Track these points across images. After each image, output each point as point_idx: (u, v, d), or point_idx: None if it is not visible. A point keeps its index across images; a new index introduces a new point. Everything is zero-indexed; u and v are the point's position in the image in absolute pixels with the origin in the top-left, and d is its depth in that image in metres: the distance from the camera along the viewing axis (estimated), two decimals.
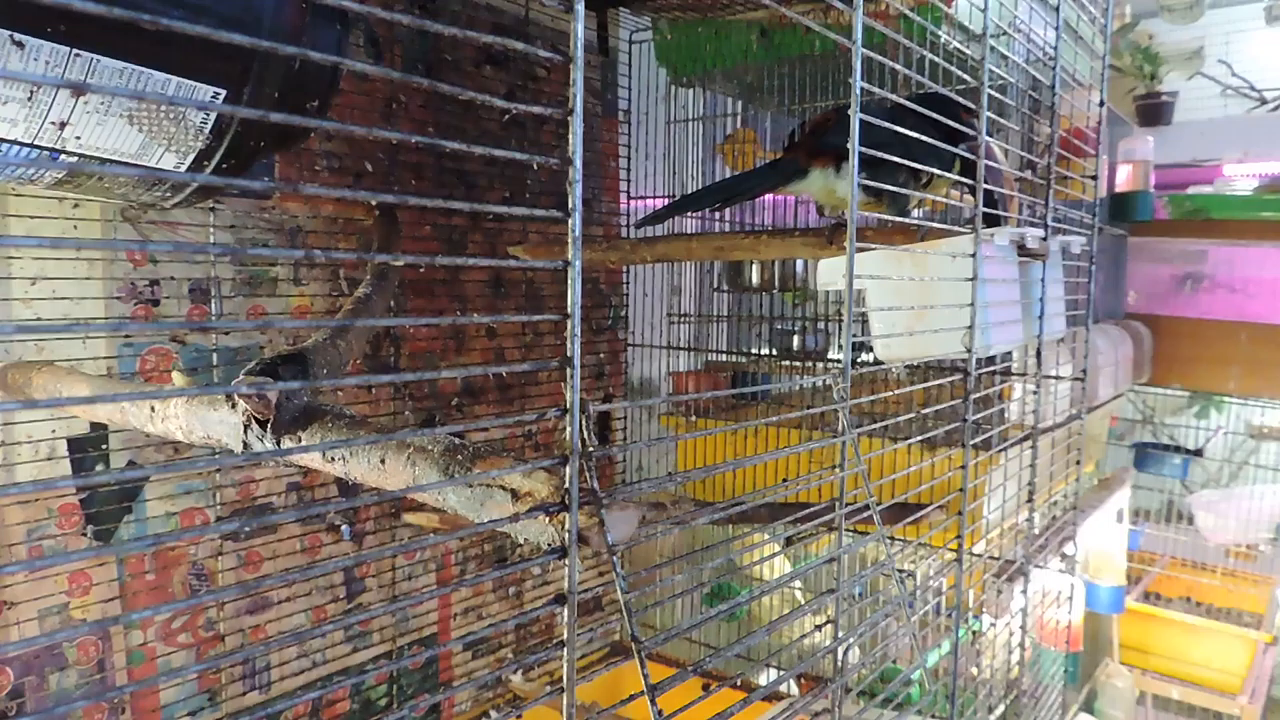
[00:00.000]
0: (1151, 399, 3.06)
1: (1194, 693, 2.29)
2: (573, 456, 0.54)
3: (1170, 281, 2.35)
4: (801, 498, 0.98)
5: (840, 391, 0.78)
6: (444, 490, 0.61)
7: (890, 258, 1.09)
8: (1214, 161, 3.38)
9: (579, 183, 0.52)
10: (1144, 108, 3.16)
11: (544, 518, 0.56)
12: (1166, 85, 3.35)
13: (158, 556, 1.30)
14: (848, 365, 0.78)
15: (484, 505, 0.59)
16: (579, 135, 0.52)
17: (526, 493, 0.57)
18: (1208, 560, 2.54)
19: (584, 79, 1.60)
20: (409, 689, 1.60)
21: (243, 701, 1.37)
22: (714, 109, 1.94)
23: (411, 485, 0.63)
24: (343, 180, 1.45)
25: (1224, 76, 3.45)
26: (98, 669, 1.25)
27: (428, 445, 0.64)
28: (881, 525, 0.80)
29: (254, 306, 1.38)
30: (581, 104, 0.52)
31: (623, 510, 0.56)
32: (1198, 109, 3.41)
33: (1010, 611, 1.55)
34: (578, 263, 0.53)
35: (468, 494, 0.60)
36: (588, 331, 1.87)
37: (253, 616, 1.39)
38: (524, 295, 1.72)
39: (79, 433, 1.23)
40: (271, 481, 1.40)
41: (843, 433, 0.78)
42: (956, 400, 1.08)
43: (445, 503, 0.61)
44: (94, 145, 0.90)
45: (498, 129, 1.65)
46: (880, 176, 1.03)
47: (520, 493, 0.58)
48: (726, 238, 1.48)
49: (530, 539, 0.57)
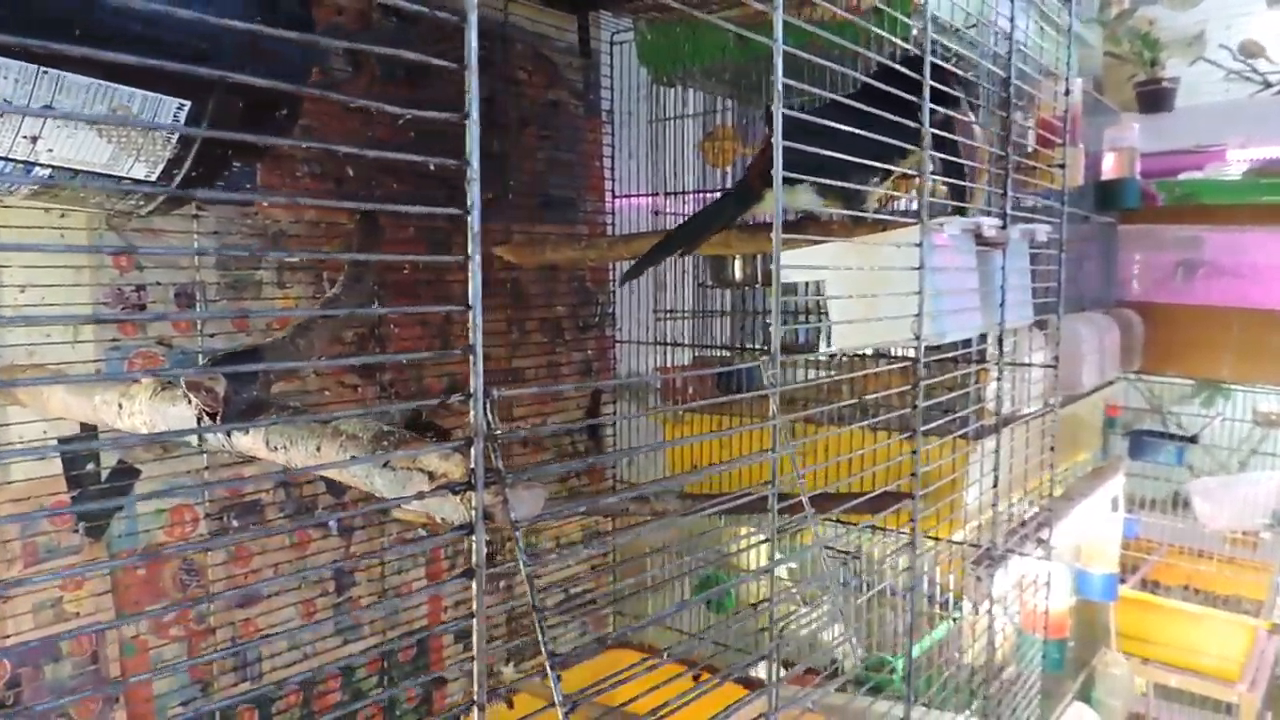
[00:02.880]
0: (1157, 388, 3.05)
1: (1192, 680, 2.29)
2: (477, 438, 0.57)
3: (1164, 268, 2.35)
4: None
5: (770, 377, 0.80)
6: (371, 475, 0.65)
7: (844, 249, 1.11)
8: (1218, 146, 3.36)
9: (475, 181, 0.55)
10: (1145, 94, 3.14)
11: (456, 497, 0.59)
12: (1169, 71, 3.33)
13: (148, 552, 1.34)
14: (776, 351, 0.80)
15: (405, 488, 0.62)
16: (475, 138, 0.55)
17: (442, 474, 0.61)
18: (1207, 548, 2.54)
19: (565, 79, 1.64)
20: (400, 681, 1.64)
21: (234, 692, 1.42)
22: (699, 107, 1.97)
23: (344, 471, 0.66)
24: (324, 186, 1.49)
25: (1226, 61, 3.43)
26: (92, 660, 1.29)
27: (359, 432, 0.67)
28: (810, 510, 0.82)
29: (239, 310, 1.42)
30: (477, 109, 0.55)
31: (528, 489, 0.59)
32: (1200, 94, 3.39)
33: (990, 599, 1.57)
34: (477, 256, 0.56)
35: (391, 477, 0.63)
36: (574, 329, 1.91)
37: (243, 610, 1.44)
38: (509, 294, 1.76)
39: (70, 433, 1.27)
40: (259, 479, 1.44)
41: (773, 417, 0.80)
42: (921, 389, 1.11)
43: (373, 486, 0.65)
44: (66, 157, 0.95)
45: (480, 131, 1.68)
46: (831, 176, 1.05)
47: (436, 474, 0.61)
48: None
49: (448, 517, 0.61)
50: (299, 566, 1.48)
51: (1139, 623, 2.39)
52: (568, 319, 1.89)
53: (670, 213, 1.92)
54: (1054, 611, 1.72)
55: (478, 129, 0.55)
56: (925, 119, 1.02)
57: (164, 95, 0.95)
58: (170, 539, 1.35)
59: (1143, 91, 3.14)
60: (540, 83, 1.81)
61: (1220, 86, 3.46)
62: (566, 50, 1.84)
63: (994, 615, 1.55)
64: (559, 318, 1.87)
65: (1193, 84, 3.36)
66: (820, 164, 0.92)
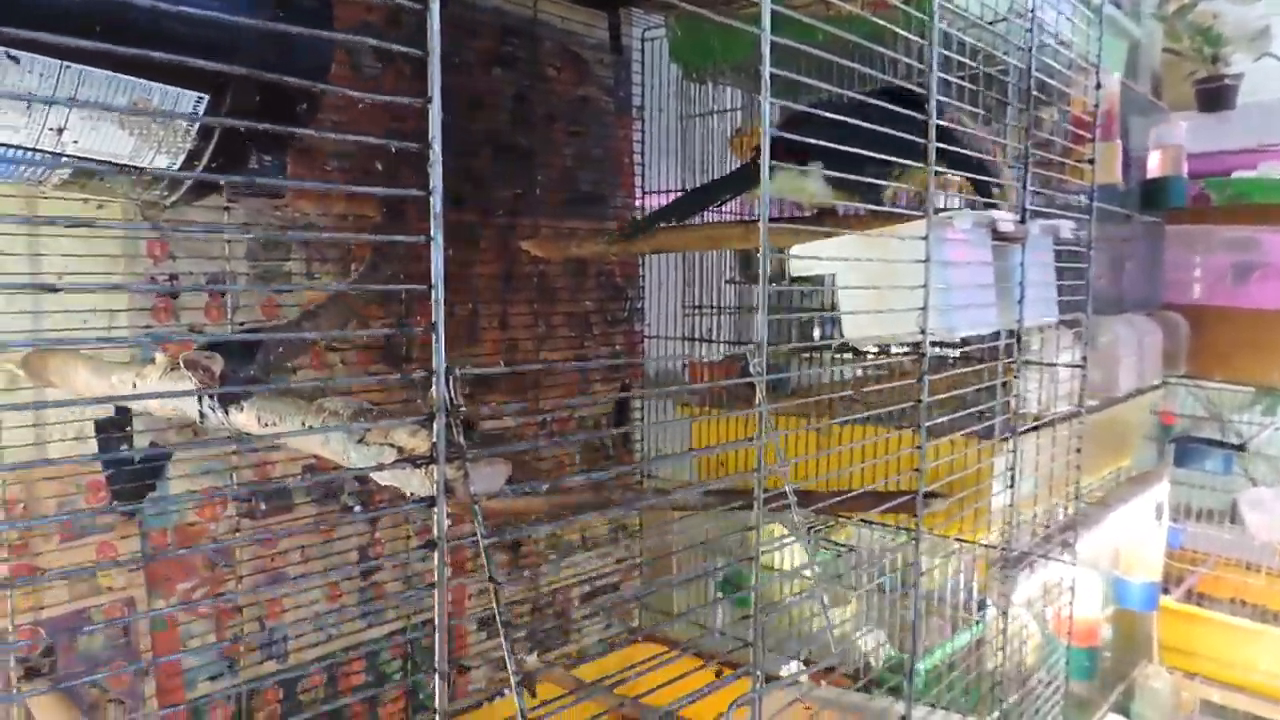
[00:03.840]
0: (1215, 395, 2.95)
1: (1240, 698, 2.21)
2: (438, 413, 0.59)
3: (1216, 270, 2.28)
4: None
5: (756, 366, 0.81)
6: (348, 449, 0.67)
7: (853, 242, 1.11)
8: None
9: (438, 164, 0.57)
10: (1204, 92, 3.04)
11: (422, 471, 0.60)
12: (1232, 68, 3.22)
13: (179, 531, 1.39)
14: (764, 340, 0.81)
15: (376, 463, 0.64)
16: (437, 120, 0.57)
17: (410, 449, 0.62)
18: (1256, 560, 2.45)
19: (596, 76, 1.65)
20: (424, 666, 1.67)
21: (260, 669, 1.46)
22: (729, 103, 1.97)
23: (325, 445, 0.69)
24: (351, 179, 1.53)
25: None
26: (123, 633, 1.35)
27: (340, 409, 0.69)
28: (795, 504, 0.82)
29: (268, 300, 1.47)
30: (439, 92, 0.56)
31: (490, 465, 0.60)
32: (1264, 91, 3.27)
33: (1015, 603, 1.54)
34: (439, 235, 0.57)
35: (365, 451, 0.65)
36: (603, 324, 1.92)
37: (270, 590, 1.48)
38: (535, 289, 1.78)
39: (105, 415, 1.33)
40: (286, 464, 1.49)
41: (759, 404, 0.81)
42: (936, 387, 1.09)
43: (349, 460, 0.67)
44: (90, 149, 0.99)
45: (508, 125, 1.71)
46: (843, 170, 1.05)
47: (406, 449, 0.63)
48: (717, 228, 1.51)
49: (415, 491, 0.63)
50: (324, 550, 1.52)
51: (1184, 635, 2.32)
52: (596, 314, 1.90)
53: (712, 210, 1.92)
54: (1082, 619, 1.68)
55: (439, 113, 0.56)
56: (932, 111, 1.01)
57: (183, 89, 0.99)
58: (200, 519, 1.40)
59: (1202, 89, 3.04)
60: (570, 79, 1.82)
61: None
62: (597, 47, 1.86)
63: (1016, 620, 1.52)
64: (587, 312, 1.89)
65: (1257, 81, 3.25)
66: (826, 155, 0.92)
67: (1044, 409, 1.51)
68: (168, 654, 1.38)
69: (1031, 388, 1.47)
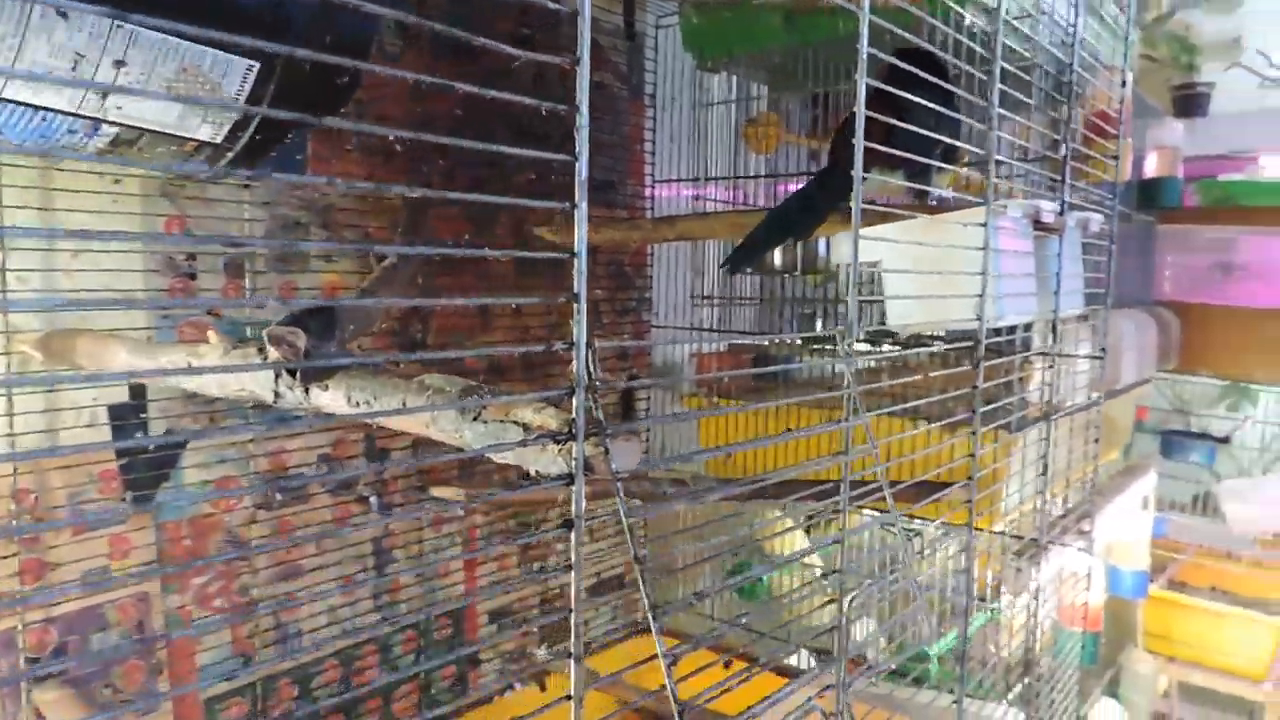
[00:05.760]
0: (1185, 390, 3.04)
1: (1218, 679, 2.28)
2: (578, 388, 0.57)
3: (1201, 269, 2.33)
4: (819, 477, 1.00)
5: (846, 347, 0.80)
6: (461, 429, 0.64)
7: (906, 225, 1.10)
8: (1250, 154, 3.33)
9: (585, 128, 0.55)
10: (1180, 99, 3.12)
11: (554, 448, 0.59)
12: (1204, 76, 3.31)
13: (193, 523, 1.34)
14: (854, 319, 0.80)
15: (498, 441, 0.62)
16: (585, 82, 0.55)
17: (538, 426, 0.60)
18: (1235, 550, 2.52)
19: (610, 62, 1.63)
20: (434, 658, 1.64)
21: (276, 667, 1.42)
22: (741, 93, 1.96)
23: (431, 424, 0.66)
24: (372, 159, 1.49)
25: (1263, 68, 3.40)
26: (137, 630, 1.30)
27: (446, 387, 0.67)
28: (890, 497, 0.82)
29: (286, 282, 1.42)
30: (589, 52, 0.54)
31: (626, 441, 0.58)
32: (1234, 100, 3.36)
33: (1028, 591, 1.56)
34: (584, 203, 0.55)
35: (483, 430, 0.63)
36: (612, 313, 1.90)
37: (285, 583, 1.44)
38: (549, 275, 1.76)
39: (119, 400, 1.28)
40: (304, 452, 1.44)
41: (847, 386, 0.80)
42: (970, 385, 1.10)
43: (462, 439, 0.65)
44: (135, 115, 0.94)
45: (519, 109, 1.68)
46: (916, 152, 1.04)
47: (532, 427, 0.61)
48: (746, 214, 1.50)
49: (542, 469, 0.60)
50: (340, 541, 1.48)
51: (1165, 621, 2.38)
52: (605, 302, 1.88)
53: (710, 198, 1.91)
54: (1092, 605, 1.71)
55: (588, 74, 0.55)
56: (994, 99, 1.01)
57: (234, 55, 0.95)
58: (215, 510, 1.36)
59: (1178, 95, 3.12)
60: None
61: (1255, 94, 3.43)
62: (612, 33, 1.84)
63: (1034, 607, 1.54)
64: (596, 300, 1.87)
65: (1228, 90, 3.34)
66: (909, 147, 0.91)
67: (1062, 399, 1.53)
68: (184, 654, 1.33)
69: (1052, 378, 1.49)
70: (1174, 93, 3.12)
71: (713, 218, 1.45)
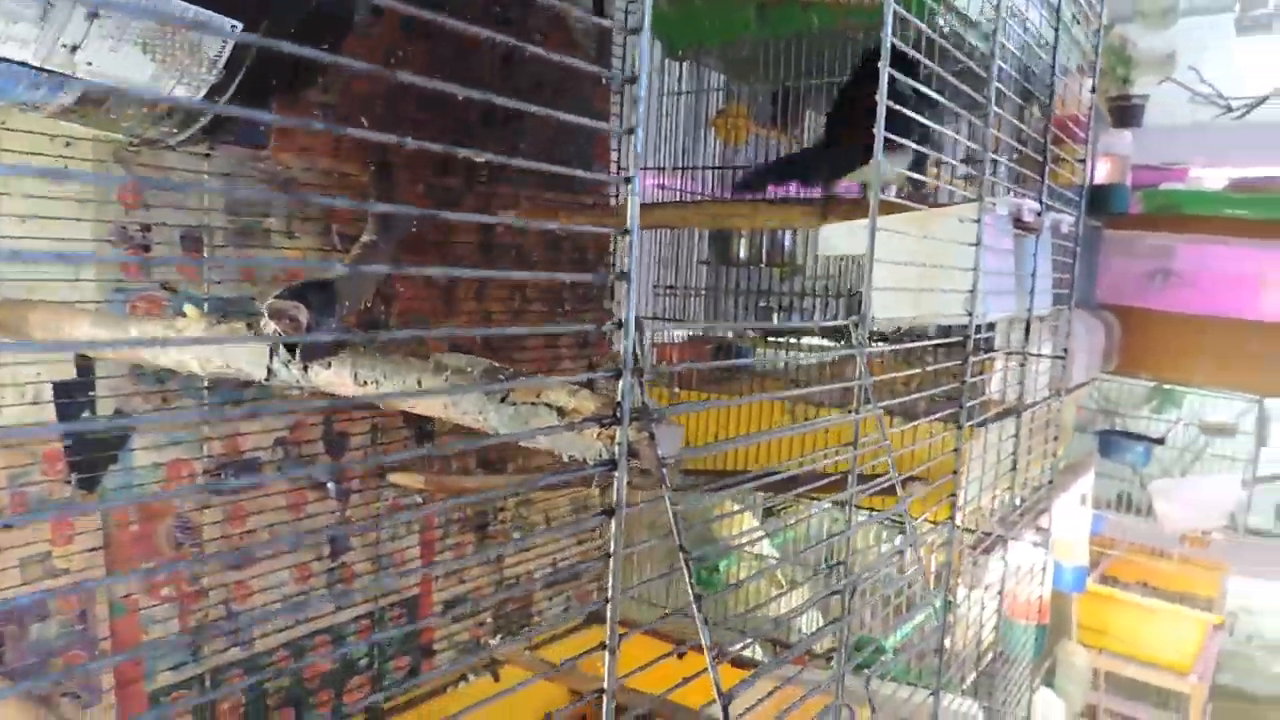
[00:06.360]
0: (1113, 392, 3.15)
1: (1147, 671, 2.37)
2: (625, 371, 0.54)
3: (1142, 275, 2.41)
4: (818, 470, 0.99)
5: (859, 336, 0.79)
6: (486, 411, 0.61)
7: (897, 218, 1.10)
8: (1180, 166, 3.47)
9: (642, 99, 0.53)
10: (1117, 109, 3.22)
11: (592, 433, 0.56)
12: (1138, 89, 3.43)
13: (142, 509, 1.27)
14: (868, 308, 0.79)
15: (529, 424, 0.59)
16: (646, 51, 0.52)
17: (574, 409, 0.58)
18: (1163, 546, 2.62)
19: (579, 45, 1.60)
20: (389, 649, 1.59)
21: (225, 657, 1.36)
22: (703, 83, 1.95)
23: (450, 406, 0.63)
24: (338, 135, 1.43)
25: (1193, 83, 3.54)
26: (80, 620, 1.22)
27: (466, 367, 0.64)
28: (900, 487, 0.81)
29: (246, 257, 1.36)
30: (649, 17, 0.52)
31: (670, 426, 0.56)
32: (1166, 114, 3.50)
33: (984, 584, 1.59)
34: (637, 177, 0.53)
35: (511, 413, 0.60)
36: (574, 300, 1.87)
37: (236, 572, 1.37)
38: (513, 258, 1.72)
39: (65, 377, 1.20)
40: (259, 436, 1.38)
41: (861, 376, 0.79)
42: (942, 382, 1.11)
43: (486, 423, 0.62)
44: (105, 72, 0.88)
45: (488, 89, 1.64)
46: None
47: (567, 410, 0.58)
48: (723, 205, 1.49)
49: (576, 455, 0.58)
50: (295, 529, 1.43)
51: (1098, 615, 2.46)
52: (568, 289, 1.85)
53: (675, 188, 1.90)
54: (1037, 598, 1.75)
55: (649, 41, 0.52)
56: (992, 94, 1.02)
57: (216, 12, 0.89)
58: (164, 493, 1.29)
59: (1114, 106, 3.22)
60: (556, 47, 1.76)
61: (1186, 108, 3.57)
62: (581, 17, 1.80)
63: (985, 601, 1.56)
64: (560, 287, 1.84)
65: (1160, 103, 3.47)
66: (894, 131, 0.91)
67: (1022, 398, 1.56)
68: (129, 643, 1.26)
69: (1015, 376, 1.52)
70: (1110, 103, 3.23)
71: (691, 208, 1.43)
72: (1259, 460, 2.66)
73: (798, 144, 1.85)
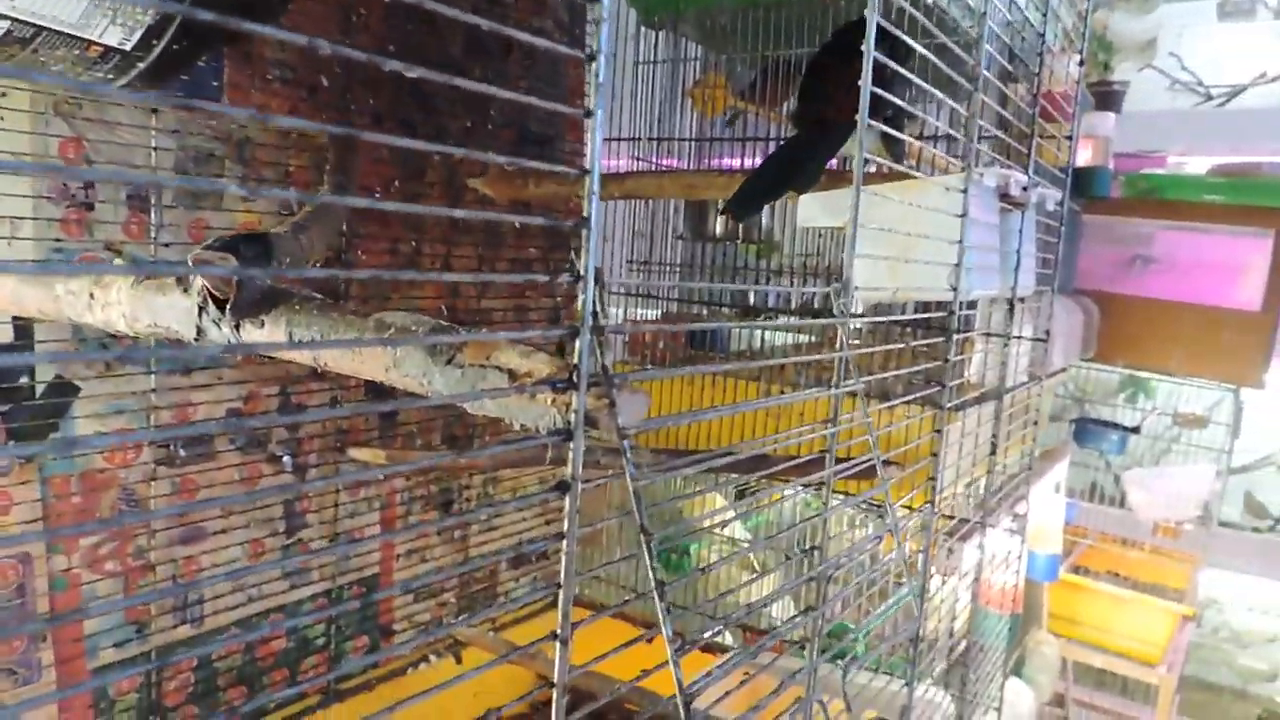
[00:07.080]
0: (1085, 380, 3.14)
1: (1116, 662, 2.36)
2: (583, 329, 0.49)
3: (1121, 260, 2.39)
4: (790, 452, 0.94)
5: (841, 305, 0.74)
6: (431, 373, 0.56)
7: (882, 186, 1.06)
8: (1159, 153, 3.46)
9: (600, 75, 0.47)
10: (1097, 94, 3.20)
11: (545, 399, 0.51)
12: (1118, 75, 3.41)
13: (85, 479, 1.21)
14: (849, 276, 0.74)
15: (476, 388, 0.54)
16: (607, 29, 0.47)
17: (526, 373, 0.53)
18: (1135, 536, 2.61)
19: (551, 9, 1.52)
20: (347, 629, 1.54)
21: (173, 635, 1.30)
22: (680, 53, 1.89)
23: (393, 368, 0.58)
24: (295, 93, 1.36)
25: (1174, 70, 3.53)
26: (17, 594, 1.16)
27: (411, 325, 0.58)
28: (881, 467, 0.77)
29: (197, 220, 1.29)
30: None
31: (633, 394, 0.51)
32: (1145, 101, 3.48)
33: (959, 572, 1.55)
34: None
35: (458, 376, 0.55)
36: (545, 272, 1.81)
37: (185, 547, 1.31)
38: (482, 228, 1.66)
39: (2, 341, 1.13)
40: (211, 406, 1.32)
41: (841, 348, 0.75)
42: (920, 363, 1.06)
43: (430, 386, 0.56)
44: (28, 10, 0.82)
45: (460, 54, 1.58)
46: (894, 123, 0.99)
47: (519, 373, 0.53)
48: (699, 175, 1.44)
49: (528, 423, 0.53)
50: (249, 503, 1.37)
51: (1068, 604, 2.44)
52: (539, 261, 1.80)
53: (650, 160, 1.84)
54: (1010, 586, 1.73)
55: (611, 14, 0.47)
56: (981, 59, 0.97)
57: None
58: (111, 465, 1.22)
59: (1095, 91, 3.20)
60: (525, 9, 1.70)
61: (1166, 95, 3.56)
62: None
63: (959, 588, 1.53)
64: (530, 259, 1.78)
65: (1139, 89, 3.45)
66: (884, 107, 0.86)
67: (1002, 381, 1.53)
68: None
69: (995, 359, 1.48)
70: (1090, 89, 3.21)
71: (667, 177, 1.38)
72: (1233, 452, 2.66)
73: (777, 120, 1.79)
